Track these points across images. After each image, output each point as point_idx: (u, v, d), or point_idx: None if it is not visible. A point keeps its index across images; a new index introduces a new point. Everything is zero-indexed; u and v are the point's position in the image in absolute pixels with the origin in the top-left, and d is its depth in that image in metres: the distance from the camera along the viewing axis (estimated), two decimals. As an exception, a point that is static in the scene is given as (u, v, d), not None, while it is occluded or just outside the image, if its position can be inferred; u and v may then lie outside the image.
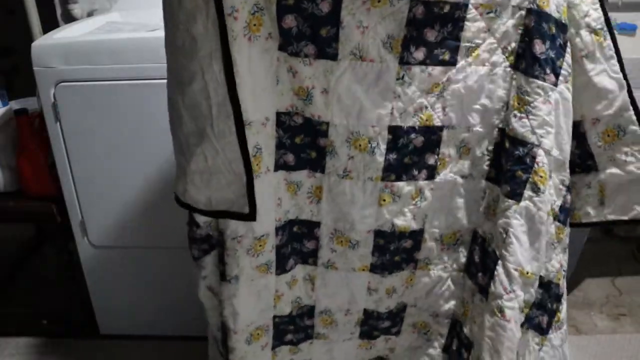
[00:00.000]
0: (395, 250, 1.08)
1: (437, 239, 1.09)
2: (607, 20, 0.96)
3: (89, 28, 1.51)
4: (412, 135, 0.98)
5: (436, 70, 0.94)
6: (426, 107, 0.97)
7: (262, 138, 0.95)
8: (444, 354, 1.23)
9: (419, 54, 0.93)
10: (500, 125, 1.00)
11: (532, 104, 0.94)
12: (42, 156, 1.48)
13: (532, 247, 0.99)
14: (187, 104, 0.92)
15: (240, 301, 1.06)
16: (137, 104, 1.33)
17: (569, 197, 1.04)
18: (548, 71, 0.93)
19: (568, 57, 0.96)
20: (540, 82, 0.93)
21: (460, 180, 1.04)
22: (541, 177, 0.96)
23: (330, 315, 1.17)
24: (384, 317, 1.16)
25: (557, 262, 1.05)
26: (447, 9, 0.90)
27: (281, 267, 1.08)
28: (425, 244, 1.08)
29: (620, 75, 0.99)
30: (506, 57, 0.96)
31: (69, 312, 1.69)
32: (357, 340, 1.21)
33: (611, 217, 1.09)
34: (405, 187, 1.02)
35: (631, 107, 1.01)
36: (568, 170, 1.02)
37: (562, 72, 0.95)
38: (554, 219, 1.02)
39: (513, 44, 0.95)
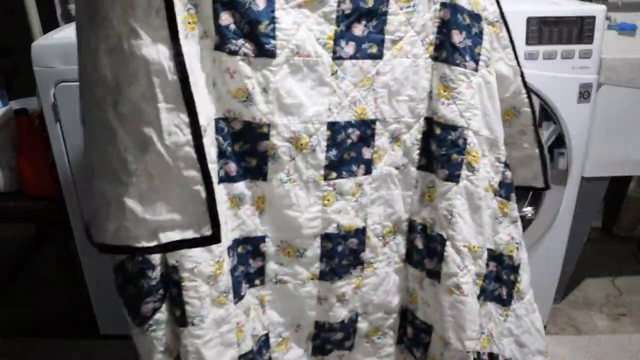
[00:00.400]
0: (342, 253, 1.08)
1: (378, 234, 1.11)
2: (502, 14, 1.05)
3: (89, 28, 1.51)
4: (350, 130, 1.01)
5: (366, 63, 0.99)
6: (359, 101, 1.01)
7: (207, 147, 0.88)
8: (398, 345, 1.23)
9: (350, 49, 0.97)
10: (426, 115, 1.06)
11: (456, 90, 1.02)
12: (42, 156, 1.48)
13: (475, 222, 1.06)
14: (124, 113, 0.80)
15: (207, 344, 0.96)
16: (137, 104, 1.32)
17: (508, 173, 1.10)
18: (468, 58, 1.01)
19: (486, 43, 1.03)
20: (462, 69, 1.01)
21: (394, 171, 1.08)
22: (474, 156, 1.04)
23: (283, 337, 1.13)
24: (336, 328, 1.14)
25: (506, 235, 1.11)
26: (370, 3, 0.95)
27: (237, 294, 1.02)
28: (369, 241, 1.10)
29: (515, 63, 1.08)
30: (426, 48, 1.02)
31: (69, 312, 1.69)
32: (310, 358, 1.17)
33: (519, 185, 1.19)
34: (346, 183, 1.04)
35: (524, 91, 1.11)
36: (503, 148, 1.08)
37: (482, 57, 1.03)
38: (495, 194, 1.09)
39: (431, 36, 1.02)
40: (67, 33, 1.42)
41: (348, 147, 1.02)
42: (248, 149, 0.96)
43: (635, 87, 1.39)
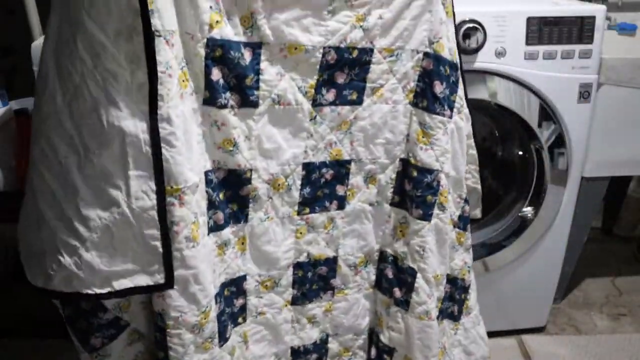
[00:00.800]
0: (312, 279, 1.14)
1: (350, 264, 1.17)
2: (461, 65, 1.11)
3: (89, 28, 1.50)
4: (324, 170, 1.06)
5: (345, 109, 1.04)
6: (335, 143, 1.06)
7: (199, 201, 0.92)
8: None
9: (330, 96, 1.01)
10: (402, 156, 1.11)
11: (435, 137, 1.07)
12: (42, 156, 1.48)
13: (440, 254, 1.14)
14: (89, 172, 0.81)
15: None
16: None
17: (466, 207, 1.18)
18: (446, 107, 1.06)
19: (460, 91, 1.10)
20: (440, 117, 1.06)
21: (368, 207, 1.14)
22: (445, 197, 1.12)
23: None
24: (310, 350, 1.19)
25: (460, 261, 1.21)
26: (355, 54, 0.99)
27: (223, 337, 1.04)
28: (340, 270, 1.16)
29: (467, 110, 1.14)
30: (406, 95, 1.07)
31: (69, 312, 1.68)
32: None
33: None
34: (319, 218, 1.09)
35: (472, 137, 1.17)
36: (464, 186, 1.16)
37: (456, 105, 1.09)
38: (454, 226, 1.17)
39: (412, 84, 1.06)
40: (67, 33, 1.41)
41: (322, 185, 1.07)
42: (231, 195, 1.00)
43: (635, 87, 1.39)
